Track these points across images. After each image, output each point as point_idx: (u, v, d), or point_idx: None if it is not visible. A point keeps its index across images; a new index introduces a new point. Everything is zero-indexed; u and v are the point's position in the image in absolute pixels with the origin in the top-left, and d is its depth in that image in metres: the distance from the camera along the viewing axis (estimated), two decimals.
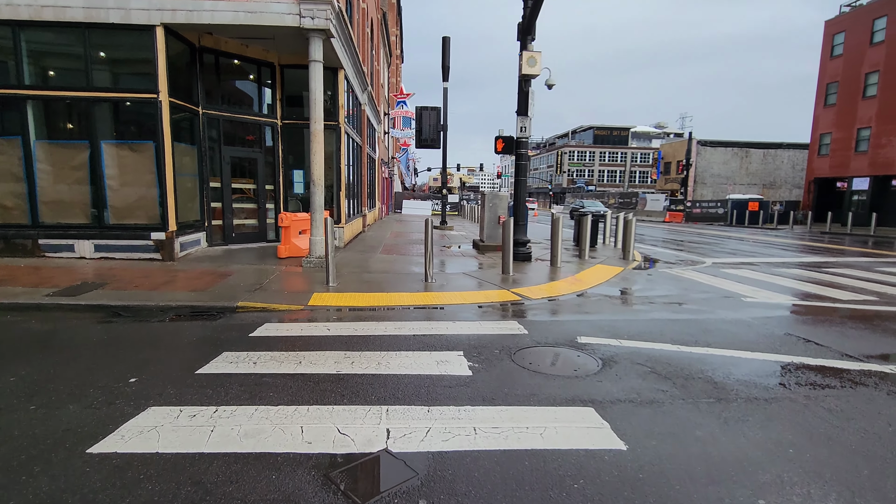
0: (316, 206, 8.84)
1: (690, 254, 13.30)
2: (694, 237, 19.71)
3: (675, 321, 5.75)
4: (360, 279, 7.99)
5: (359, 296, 6.80)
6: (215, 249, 10.10)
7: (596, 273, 9.29)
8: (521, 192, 10.51)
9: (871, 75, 30.14)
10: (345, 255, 10.65)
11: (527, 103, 10.19)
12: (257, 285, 7.25)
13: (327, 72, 11.03)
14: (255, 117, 10.68)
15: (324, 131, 10.87)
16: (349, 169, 13.44)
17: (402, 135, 26.80)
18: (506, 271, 8.75)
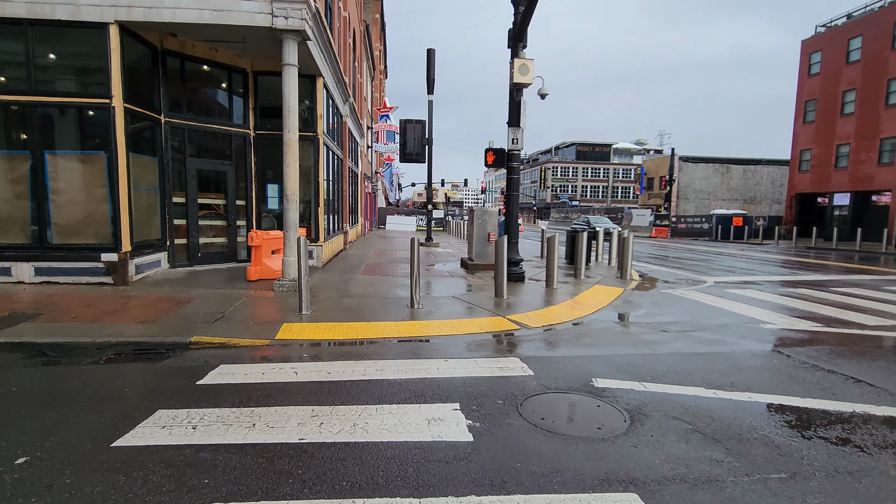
0: (290, 224, 7.99)
1: (688, 271, 12.75)
2: (685, 253, 19.29)
3: (699, 356, 5.03)
4: (337, 305, 7.13)
5: (335, 326, 5.94)
6: (178, 271, 9.13)
7: (596, 295, 8.59)
8: (514, 208, 9.82)
9: (848, 93, 30.69)
10: (323, 276, 9.77)
11: (518, 114, 9.58)
12: (219, 314, 6.34)
13: (305, 80, 10.29)
14: (226, 127, 9.83)
15: (300, 143, 10.06)
16: (329, 184, 12.62)
17: (386, 149, 26.11)
18: (499, 294, 7.99)
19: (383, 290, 8.48)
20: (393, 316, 6.56)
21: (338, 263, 11.91)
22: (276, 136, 10.17)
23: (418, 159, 18.93)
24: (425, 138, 18.80)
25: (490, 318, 6.63)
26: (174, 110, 9.08)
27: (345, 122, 15.08)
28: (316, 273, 10.03)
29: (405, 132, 18.66)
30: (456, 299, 7.83)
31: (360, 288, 8.59)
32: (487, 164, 9.94)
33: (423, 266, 12.06)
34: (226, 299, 7.22)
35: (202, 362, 4.58)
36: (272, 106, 10.55)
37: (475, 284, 9.43)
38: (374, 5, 39.92)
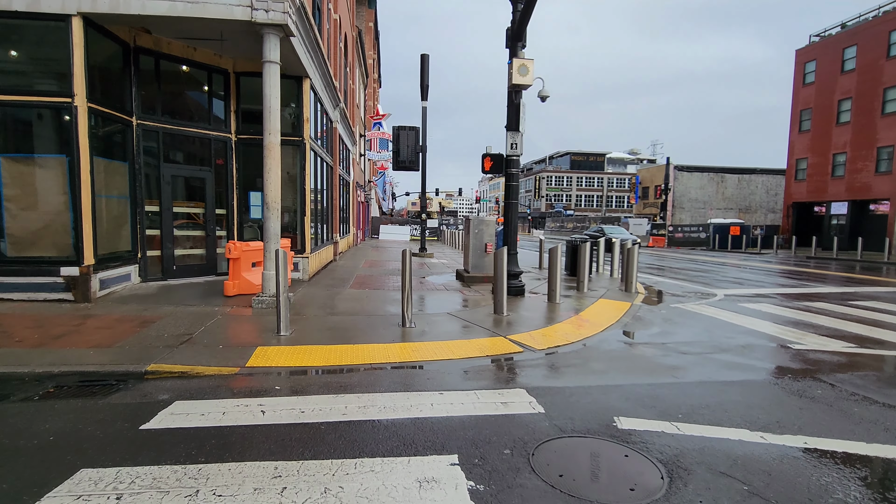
0: (270, 234, 7.33)
1: (694, 283, 12.18)
2: (686, 263, 18.76)
3: (731, 385, 4.40)
4: (321, 324, 6.45)
5: (316, 350, 5.26)
6: (150, 286, 8.41)
7: (602, 311, 7.96)
8: (513, 217, 9.21)
9: (843, 102, 30.60)
10: (308, 290, 9.08)
11: (518, 117, 9.01)
12: (186, 336, 5.65)
13: (290, 81, 9.70)
14: (205, 131, 9.18)
15: (285, 147, 9.47)
16: (317, 191, 11.98)
17: (379, 157, 25.55)
18: (498, 311, 7.34)
19: (373, 306, 7.80)
20: (382, 337, 5.89)
21: (326, 276, 11.22)
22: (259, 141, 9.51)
23: (412, 167, 18.33)
24: (419, 146, 18.23)
25: (489, 338, 5.98)
26: (148, 112, 8.42)
27: (335, 127, 14.49)
28: (301, 287, 9.34)
29: (398, 139, 18.08)
30: (452, 316, 7.17)
31: (347, 304, 7.91)
32: (485, 170, 9.35)
33: (416, 278, 11.40)
34: (197, 318, 6.51)
35: (154, 398, 3.89)
36: (255, 109, 9.91)
37: (472, 299, 8.79)
38: (368, 14, 39.69)
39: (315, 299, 8.20)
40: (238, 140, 9.65)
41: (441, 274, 12.61)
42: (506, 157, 9.15)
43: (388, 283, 10.32)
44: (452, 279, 11.58)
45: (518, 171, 9.21)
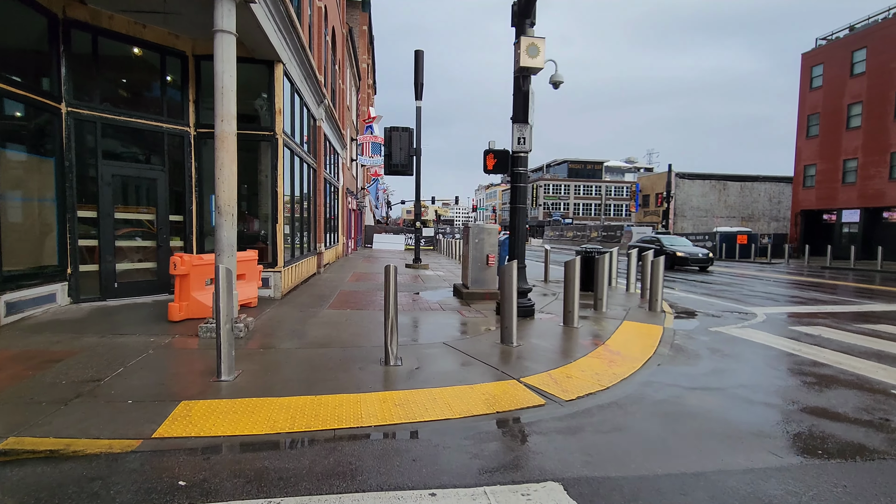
0: (223, 245, 5.88)
1: (720, 299, 10.78)
2: (703, 275, 17.38)
3: (868, 474, 2.97)
4: (281, 362, 4.99)
5: (263, 406, 3.80)
6: (80, 308, 6.93)
7: (631, 338, 6.54)
8: (520, 224, 7.81)
9: (853, 106, 29.58)
10: (278, 311, 7.62)
11: (526, 107, 7.65)
12: (92, 382, 4.19)
13: (259, 66, 8.33)
14: (156, 123, 7.77)
15: (253, 143, 8.08)
16: (296, 196, 10.55)
17: (371, 162, 24.20)
18: (507, 340, 5.90)
19: (351, 333, 6.34)
20: (358, 381, 4.43)
21: (304, 292, 9.75)
22: None
23: (405, 171, 16.96)
24: (413, 148, 16.87)
25: (499, 382, 4.53)
26: (82, 98, 7.01)
27: (319, 126, 13.12)
28: (270, 307, 7.87)
29: (390, 141, 16.71)
30: (449, 348, 5.72)
31: (321, 330, 6.45)
32: (487, 169, 7.96)
33: (408, 294, 9.96)
34: (121, 354, 5.05)
35: None
36: None
37: (472, 322, 7.34)
38: (362, 17, 38.64)
39: (283, 324, 6.73)
40: (198, 134, 8.23)
41: (436, 289, 11.17)
42: (512, 153, 7.77)
43: (376, 301, 8.87)
44: (449, 295, 10.14)
45: (526, 171, 7.83)
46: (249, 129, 8.41)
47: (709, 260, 19.03)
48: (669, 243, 20.64)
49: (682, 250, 19.52)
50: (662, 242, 20.76)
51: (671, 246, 20.19)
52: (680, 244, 20.68)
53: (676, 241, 21.19)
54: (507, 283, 5.89)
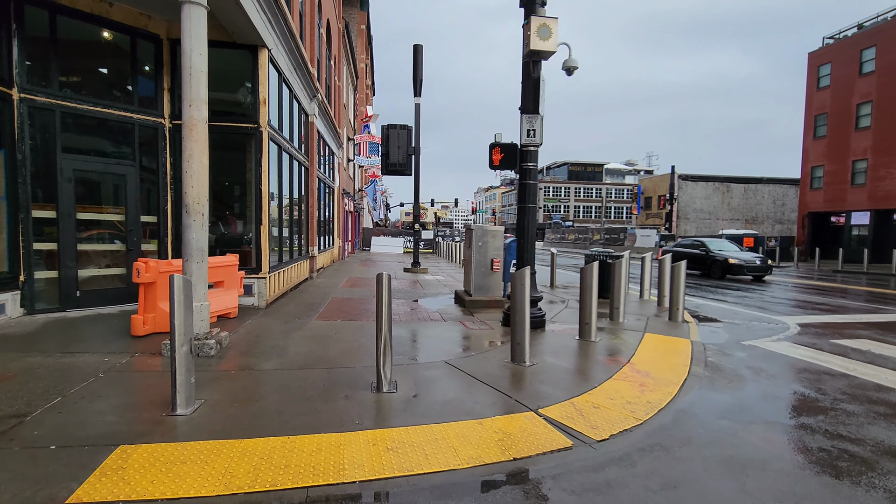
0: (191, 249, 5.10)
1: (742, 307, 10.01)
2: (717, 280, 16.60)
3: None
4: (253, 387, 4.20)
5: (221, 450, 3.02)
6: (34, 321, 6.13)
7: (658, 354, 5.76)
8: (530, 225, 7.04)
9: (862, 106, 28.90)
10: (260, 323, 6.83)
11: (537, 95, 6.90)
12: (15, 418, 3.43)
13: (241, 52, 7.57)
14: (125, 113, 7.00)
15: (234, 136, 7.33)
16: (284, 195, 9.78)
17: (369, 162, 23.44)
18: (518, 358, 5.13)
19: (340, 349, 5.55)
20: (342, 416, 3.65)
21: (293, 300, 8.97)
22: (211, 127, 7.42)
23: (403, 171, 16.20)
24: (411, 147, 16.13)
25: (513, 416, 3.75)
26: (39, 84, 6.24)
27: (312, 122, 12.35)
28: (252, 318, 7.09)
29: (388, 140, 15.96)
30: (452, 369, 4.94)
31: (305, 346, 5.66)
32: (493, 164, 7.20)
33: (406, 302, 9.17)
34: (65, 377, 4.26)
35: None
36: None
37: (477, 335, 6.56)
38: (360, 16, 37.99)
39: (263, 338, 5.94)
40: (174, 127, 7.46)
41: (436, 296, 10.39)
42: (521, 147, 7.00)
43: (370, 310, 8.09)
44: (450, 303, 9.36)
45: (536, 166, 7.06)
46: (230, 122, 7.65)
47: (766, 268, 16.28)
48: (717, 248, 17.63)
49: (735, 256, 16.55)
50: (709, 247, 17.69)
51: (720, 251, 17.26)
52: (729, 249, 17.63)
53: (725, 246, 17.97)
54: (518, 293, 5.11)
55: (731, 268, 16.30)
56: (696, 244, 18.58)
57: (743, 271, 16.15)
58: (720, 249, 17.49)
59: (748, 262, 16.24)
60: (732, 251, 17.43)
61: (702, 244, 18.21)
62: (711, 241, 18.62)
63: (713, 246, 17.85)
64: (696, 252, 17.88)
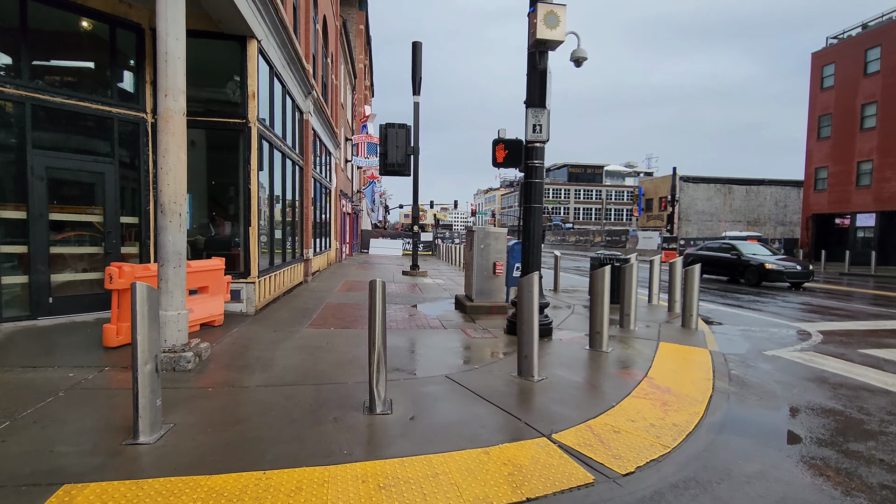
0: (167, 253, 4.65)
1: (756, 312, 9.57)
2: (724, 283, 16.16)
3: None
4: (230, 408, 3.73)
5: (182, 491, 2.56)
6: (4, 328, 5.67)
7: (677, 366, 5.31)
8: (535, 227, 6.60)
9: (867, 106, 28.53)
10: (247, 331, 6.37)
11: (543, 87, 6.46)
12: None
13: (228, 43, 7.15)
14: (103, 107, 6.55)
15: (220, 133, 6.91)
16: (275, 196, 9.34)
17: (367, 163, 23.00)
18: (525, 373, 4.68)
19: (332, 361, 5.09)
20: (328, 444, 3.19)
21: (285, 305, 8.51)
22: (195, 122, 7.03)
23: (402, 171, 15.77)
24: (410, 147, 15.70)
25: (523, 443, 3.30)
26: (8, 75, 5.80)
27: (307, 121, 11.92)
28: (238, 327, 6.63)
29: (386, 139, 15.52)
30: (453, 384, 4.48)
31: (294, 358, 5.20)
32: (497, 161, 6.75)
33: (404, 307, 8.72)
34: (20, 396, 3.80)
35: None
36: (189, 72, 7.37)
37: (480, 344, 6.11)
38: (359, 16, 37.64)
39: (248, 350, 5.48)
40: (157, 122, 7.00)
41: (436, 300, 9.94)
42: (526, 143, 6.56)
43: (365, 316, 7.63)
44: (451, 308, 8.91)
45: (542, 164, 6.62)
46: (217, 117, 7.21)
47: (808, 274, 14.38)
48: (751, 252, 15.67)
49: (773, 262, 14.63)
50: (741, 251, 15.78)
51: (754, 255, 15.33)
52: (763, 253, 15.72)
53: (758, 250, 16.10)
54: (525, 301, 4.66)
55: (768, 274, 14.37)
56: (725, 247, 16.73)
57: (782, 278, 14.22)
58: (754, 253, 15.56)
59: (788, 268, 14.32)
60: (767, 255, 15.52)
61: (732, 247, 16.35)
62: (743, 244, 16.65)
63: (746, 250, 15.96)
64: (726, 256, 16.10)
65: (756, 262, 14.94)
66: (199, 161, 7.75)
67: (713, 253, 16.86)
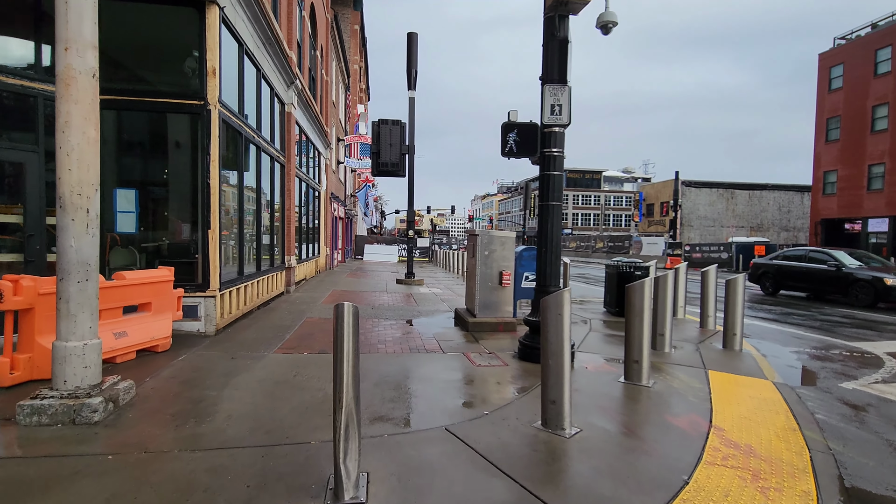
0: (69, 262, 3.43)
1: (797, 327, 8.40)
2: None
3: None
4: (120, 498, 2.50)
5: None
6: None
7: (746, 410, 4.10)
8: (554, 229, 5.42)
9: (878, 108, 27.63)
10: (194, 360, 5.13)
11: (563, 60, 5.31)
12: None
13: (183, 10, 5.99)
14: (20, 81, 5.34)
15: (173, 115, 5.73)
16: (245, 193, 8.13)
17: (360, 165, 21.82)
18: (554, 424, 3.46)
19: (294, 406, 3.86)
20: None
21: (256, 322, 7.27)
22: (142, 103, 5.85)
23: (396, 172, 14.59)
24: (405, 145, 14.54)
25: None
26: None
27: (289, 113, 10.73)
28: (189, 352, 5.39)
29: (379, 137, 14.35)
30: (456, 442, 3.26)
31: (244, 400, 3.97)
32: (507, 151, 5.56)
33: (396, 324, 7.49)
34: None
35: None
36: (139, 47, 6.21)
37: (486, 375, 4.89)
38: (354, 15, 36.65)
39: (190, 386, 4.24)
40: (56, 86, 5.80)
41: (433, 314, 8.72)
42: (542, 127, 5.39)
43: None
44: (450, 325, 7.70)
45: (562, 154, 5.44)
46: (169, 98, 6.02)
47: None
48: (853, 263, 12.41)
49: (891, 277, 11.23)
50: (842, 262, 12.47)
51: (860, 268, 12.10)
52: (854, 264, 12.39)
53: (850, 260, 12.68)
54: (552, 327, 3.46)
55: (889, 292, 11.02)
56: (816, 257, 13.31)
57: None
58: (859, 265, 12.30)
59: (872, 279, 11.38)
60: (861, 266, 12.30)
61: (830, 256, 12.88)
62: (838, 252, 13.12)
63: (848, 260, 12.54)
64: (819, 268, 12.83)
65: (866, 276, 11.62)
66: (151, 152, 6.54)
67: (797, 263, 13.64)
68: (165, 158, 6.44)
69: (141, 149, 6.36)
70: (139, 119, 6.28)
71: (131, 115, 6.19)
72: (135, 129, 6.35)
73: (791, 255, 14.29)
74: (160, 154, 6.37)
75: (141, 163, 6.39)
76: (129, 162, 6.34)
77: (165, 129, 6.36)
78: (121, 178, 6.15)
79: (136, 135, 6.35)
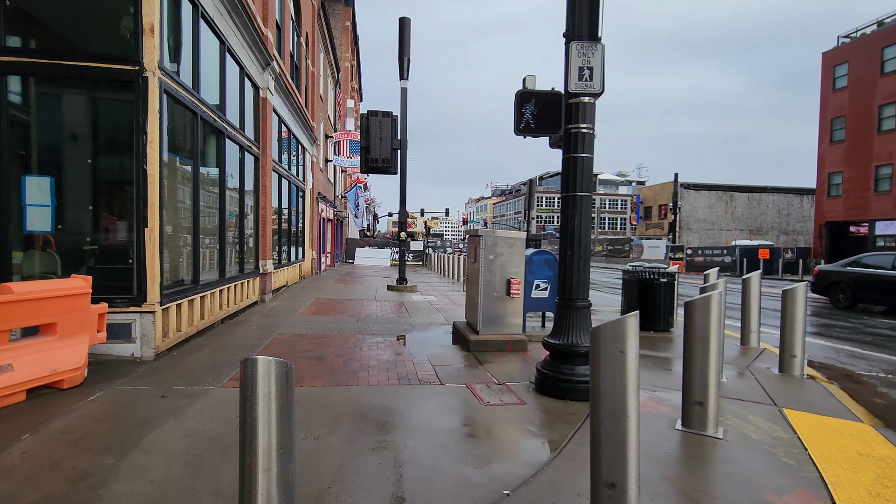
0: None
1: (840, 341, 7.29)
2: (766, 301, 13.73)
3: None
4: None
5: None
6: None
7: (859, 475, 2.92)
8: (582, 228, 4.25)
9: (885, 107, 26.84)
10: (116, 397, 3.88)
11: (596, 9, 4.14)
12: None
13: None
14: None
15: (103, 84, 4.53)
16: (235, 194, 6.88)
17: (350, 163, 20.60)
18: None
19: (228, 484, 2.63)
20: None
21: (212, 341, 6.02)
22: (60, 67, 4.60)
23: (387, 168, 13.38)
24: (397, 140, 13.33)
25: None
26: None
27: (264, 98, 9.50)
28: (108, 388, 4.13)
29: (368, 131, 13.14)
30: None
31: (154, 478, 2.72)
32: (521, 127, 4.37)
33: (385, 342, 6.25)
34: None
35: None
36: (56, 8, 4.97)
37: (497, 421, 3.67)
38: (345, 11, 35.54)
39: (81, 449, 2.99)
40: (3, 65, 4.55)
41: (428, 328, 7.51)
42: (567, 96, 4.20)
43: (327, 359, 5.17)
44: (447, 342, 6.49)
45: (592, 131, 4.26)
46: (92, 62, 4.78)
47: None
48: None
49: None
50: None
51: None
52: None
53: None
54: (609, 371, 2.27)
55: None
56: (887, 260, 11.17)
57: None
58: None
59: None
60: None
61: None
62: None
63: None
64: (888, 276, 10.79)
65: None
66: (78, 130, 5.29)
67: (884, 271, 11.16)
68: (95, 139, 5.19)
69: (63, 127, 5.11)
70: (60, 88, 5.03)
71: (50, 83, 4.95)
72: (54, 102, 5.10)
73: (871, 263, 11.71)
74: (87, 134, 5.12)
75: (62, 144, 5.14)
76: (47, 143, 5.08)
77: (94, 101, 5.12)
78: (33, 162, 4.89)
79: (56, 109, 5.10)
